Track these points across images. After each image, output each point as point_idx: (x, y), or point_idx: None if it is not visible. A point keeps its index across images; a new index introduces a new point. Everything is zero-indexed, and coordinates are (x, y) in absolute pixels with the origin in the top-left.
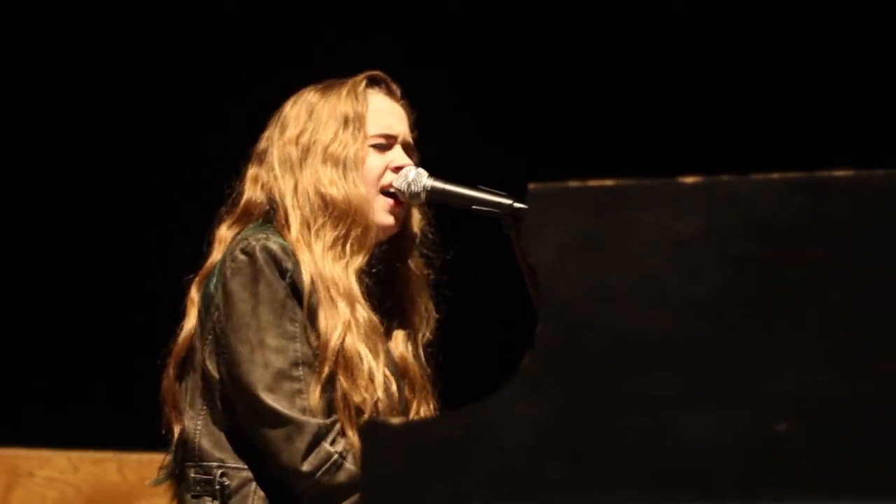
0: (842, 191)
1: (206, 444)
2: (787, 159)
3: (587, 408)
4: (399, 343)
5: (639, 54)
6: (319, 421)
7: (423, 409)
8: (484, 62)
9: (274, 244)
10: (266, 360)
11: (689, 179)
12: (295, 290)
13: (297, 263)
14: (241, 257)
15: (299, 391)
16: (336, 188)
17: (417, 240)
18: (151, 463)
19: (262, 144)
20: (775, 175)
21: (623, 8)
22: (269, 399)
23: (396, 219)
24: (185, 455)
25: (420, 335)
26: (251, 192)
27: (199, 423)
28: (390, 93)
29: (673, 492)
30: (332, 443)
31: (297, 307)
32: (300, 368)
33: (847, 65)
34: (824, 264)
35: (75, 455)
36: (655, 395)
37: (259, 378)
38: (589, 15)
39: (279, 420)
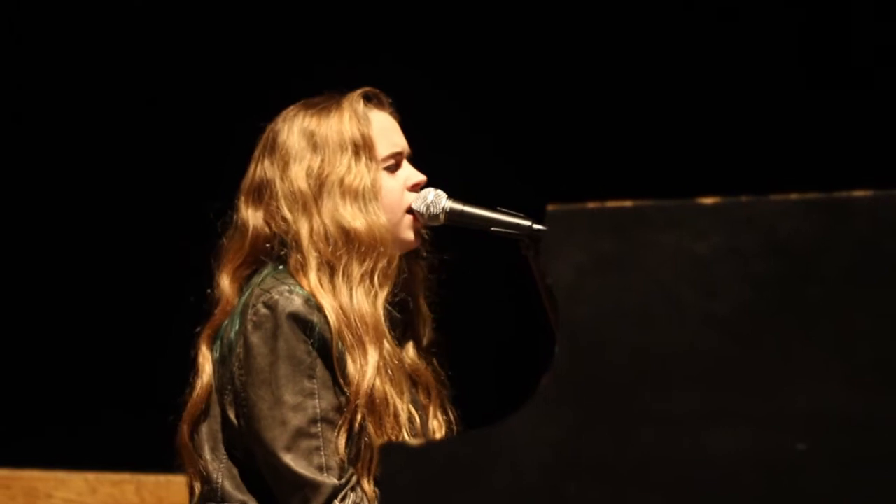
0: (860, 211)
1: (228, 486)
2: (806, 180)
3: (605, 427)
4: (409, 350)
5: (657, 75)
6: (335, 481)
7: (440, 414)
8: (501, 84)
9: (298, 298)
10: (284, 418)
11: (708, 200)
12: (322, 342)
13: (322, 314)
14: (263, 311)
15: (317, 448)
16: (359, 221)
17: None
18: (169, 485)
19: (258, 177)
20: (794, 195)
21: (642, 29)
22: (287, 458)
23: (417, 234)
24: (208, 495)
25: (426, 338)
26: (255, 232)
27: (221, 465)
28: (382, 106)
29: None
30: (343, 500)
31: (317, 362)
32: (318, 425)
33: (866, 86)
34: (843, 284)
35: (93, 476)
36: (674, 414)
37: (277, 436)
38: (608, 36)
39: (296, 480)
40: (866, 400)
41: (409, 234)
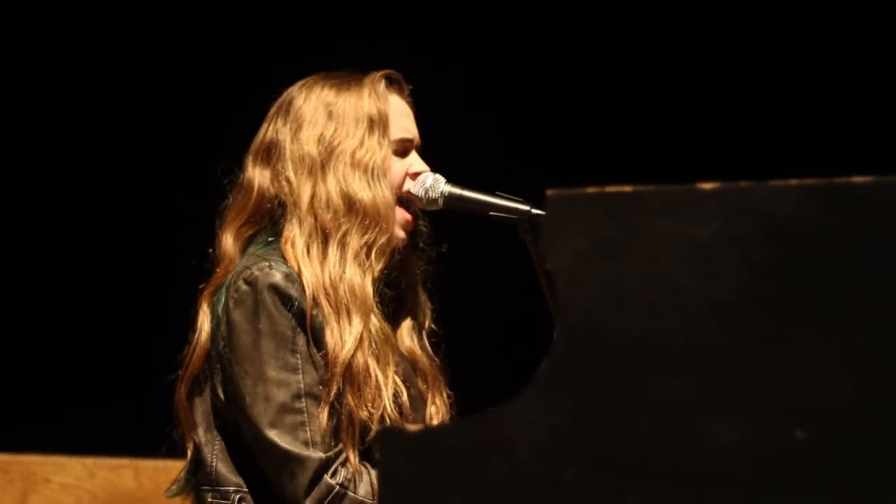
0: (860, 197)
1: (222, 468)
2: (806, 165)
3: (604, 414)
4: (405, 337)
5: (656, 61)
6: (321, 454)
7: (437, 400)
8: (501, 69)
9: (277, 273)
10: (267, 394)
11: (708, 185)
12: (300, 316)
13: (300, 288)
14: (244, 287)
15: (302, 423)
16: (366, 193)
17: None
18: (167, 470)
19: (269, 138)
20: (794, 181)
21: (641, 15)
22: (272, 434)
23: (408, 234)
24: (202, 478)
25: (423, 326)
26: (259, 191)
27: (215, 446)
28: (402, 92)
29: (690, 498)
30: (334, 474)
31: (300, 336)
32: (303, 400)
33: (867, 71)
34: (843, 270)
35: (91, 461)
36: (673, 400)
37: (261, 412)
38: (607, 21)
39: (281, 455)
40: (866, 387)
41: (401, 233)
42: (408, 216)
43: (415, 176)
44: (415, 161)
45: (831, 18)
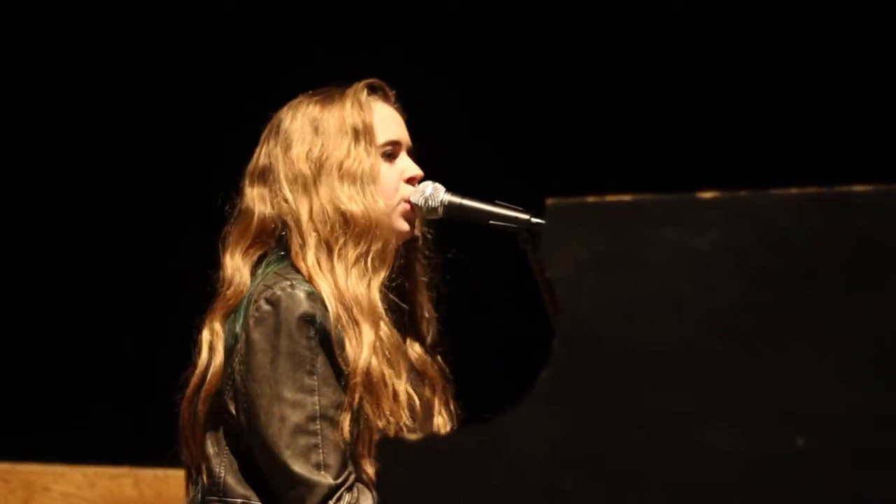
0: (861, 206)
1: (231, 480)
2: (806, 174)
3: (604, 423)
4: (415, 345)
5: (656, 69)
6: (330, 480)
7: (444, 410)
8: (500, 78)
9: (300, 292)
10: (282, 415)
11: (708, 194)
12: (324, 334)
13: (324, 306)
14: (266, 307)
15: (315, 445)
16: (356, 204)
17: (420, 243)
18: (168, 479)
19: (262, 161)
20: (794, 190)
21: (641, 23)
22: (284, 456)
23: (412, 224)
24: (210, 489)
25: (430, 335)
26: (260, 213)
27: (224, 459)
28: (387, 99)
29: None
30: (338, 499)
31: (318, 358)
32: (317, 422)
33: (867, 80)
34: (843, 279)
35: (91, 470)
36: (672, 410)
37: (276, 433)
38: (607, 29)
39: (292, 479)
40: (865, 396)
41: (404, 225)
42: (407, 206)
43: (410, 180)
44: (408, 165)
45: (830, 26)
